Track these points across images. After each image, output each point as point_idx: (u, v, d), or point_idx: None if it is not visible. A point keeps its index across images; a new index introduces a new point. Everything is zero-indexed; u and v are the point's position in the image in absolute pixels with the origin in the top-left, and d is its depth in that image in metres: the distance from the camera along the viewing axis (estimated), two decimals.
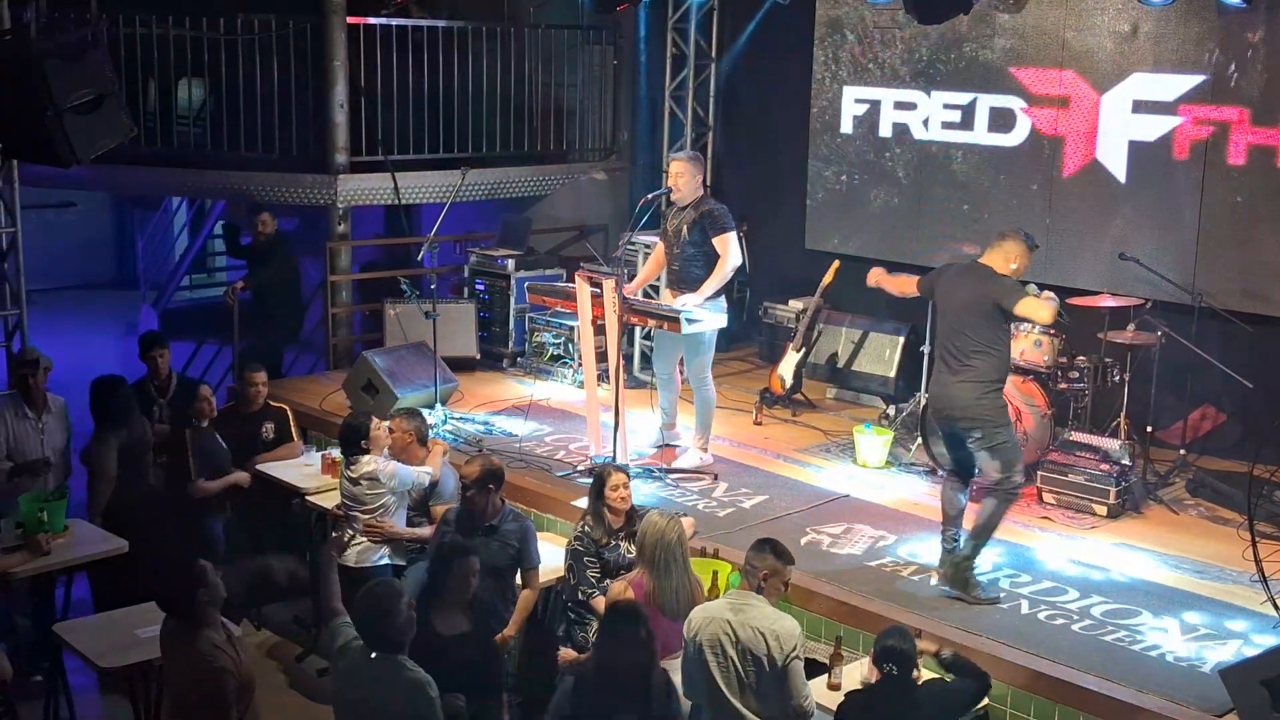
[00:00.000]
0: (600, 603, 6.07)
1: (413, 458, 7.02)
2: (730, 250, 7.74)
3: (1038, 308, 6.23)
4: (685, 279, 7.82)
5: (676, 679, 5.27)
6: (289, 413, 8.39)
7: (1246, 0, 7.70)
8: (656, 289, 9.84)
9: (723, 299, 7.95)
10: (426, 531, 6.76)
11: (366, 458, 6.81)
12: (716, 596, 6.21)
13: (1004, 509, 6.34)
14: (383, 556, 6.79)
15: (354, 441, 6.86)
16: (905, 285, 6.86)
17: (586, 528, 6.31)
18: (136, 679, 5.78)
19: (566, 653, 5.98)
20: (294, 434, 8.33)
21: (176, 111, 11.15)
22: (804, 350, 9.33)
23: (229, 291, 10.56)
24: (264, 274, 10.35)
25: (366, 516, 6.80)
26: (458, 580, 5.47)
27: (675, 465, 8.00)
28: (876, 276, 7.05)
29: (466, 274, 10.77)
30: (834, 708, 5.38)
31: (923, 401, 8.33)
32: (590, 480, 6.52)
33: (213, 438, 7.79)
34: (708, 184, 10.58)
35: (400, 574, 6.59)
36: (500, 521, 6.23)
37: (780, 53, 10.59)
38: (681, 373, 8.29)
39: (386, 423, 7.04)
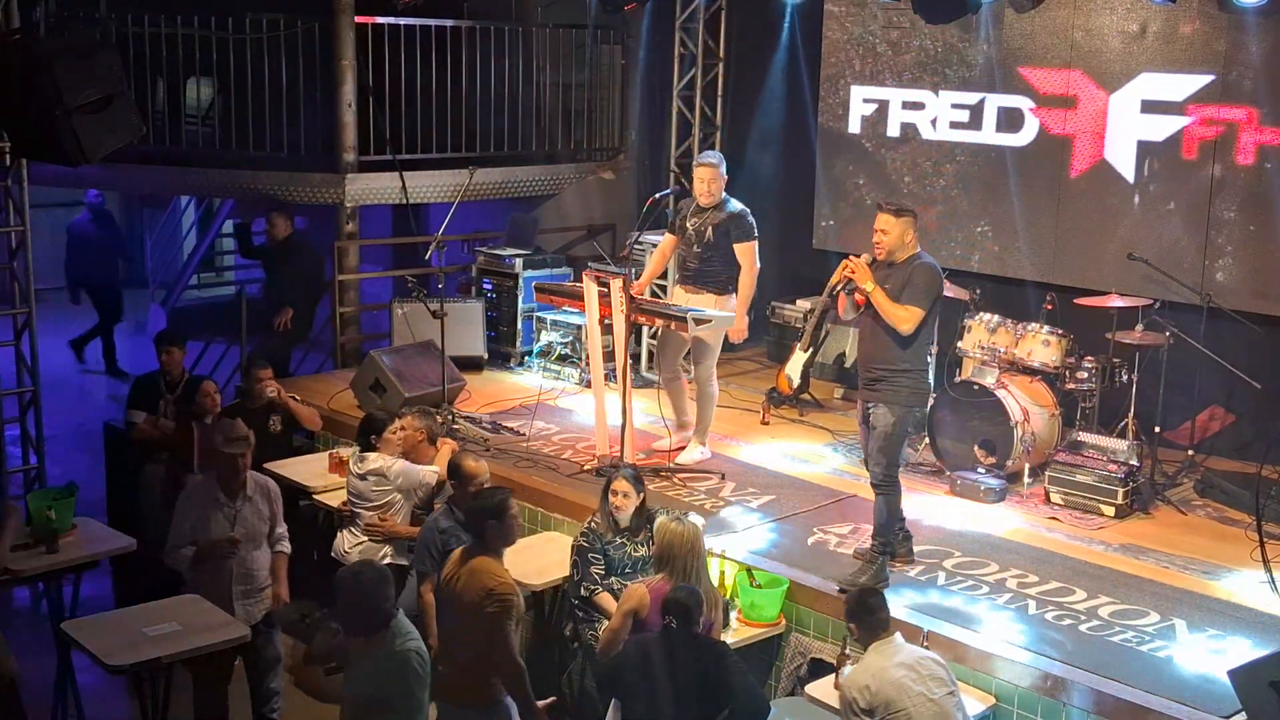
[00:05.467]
0: (604, 599, 6.08)
1: (422, 457, 7.03)
2: (752, 259, 7.85)
3: None
4: (706, 279, 7.89)
5: None
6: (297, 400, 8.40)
7: None
8: (663, 287, 9.85)
9: (732, 299, 7.97)
10: None
11: (374, 455, 6.83)
12: (725, 594, 6.23)
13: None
14: (385, 556, 6.79)
15: (367, 434, 6.89)
16: None
17: (594, 523, 6.33)
18: (145, 677, 5.79)
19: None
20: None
21: (185, 111, 11.17)
22: (811, 350, 9.31)
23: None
24: (282, 275, 10.35)
25: (371, 514, 6.81)
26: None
27: (678, 461, 8.01)
28: None
29: (474, 273, 10.78)
30: (841, 707, 5.40)
31: (930, 401, 8.32)
32: (598, 479, 6.53)
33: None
34: None
35: (405, 573, 6.59)
36: None
37: (788, 52, 10.58)
38: (687, 371, 8.30)
39: (400, 430, 7.03)
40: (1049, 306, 8.26)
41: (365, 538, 6.83)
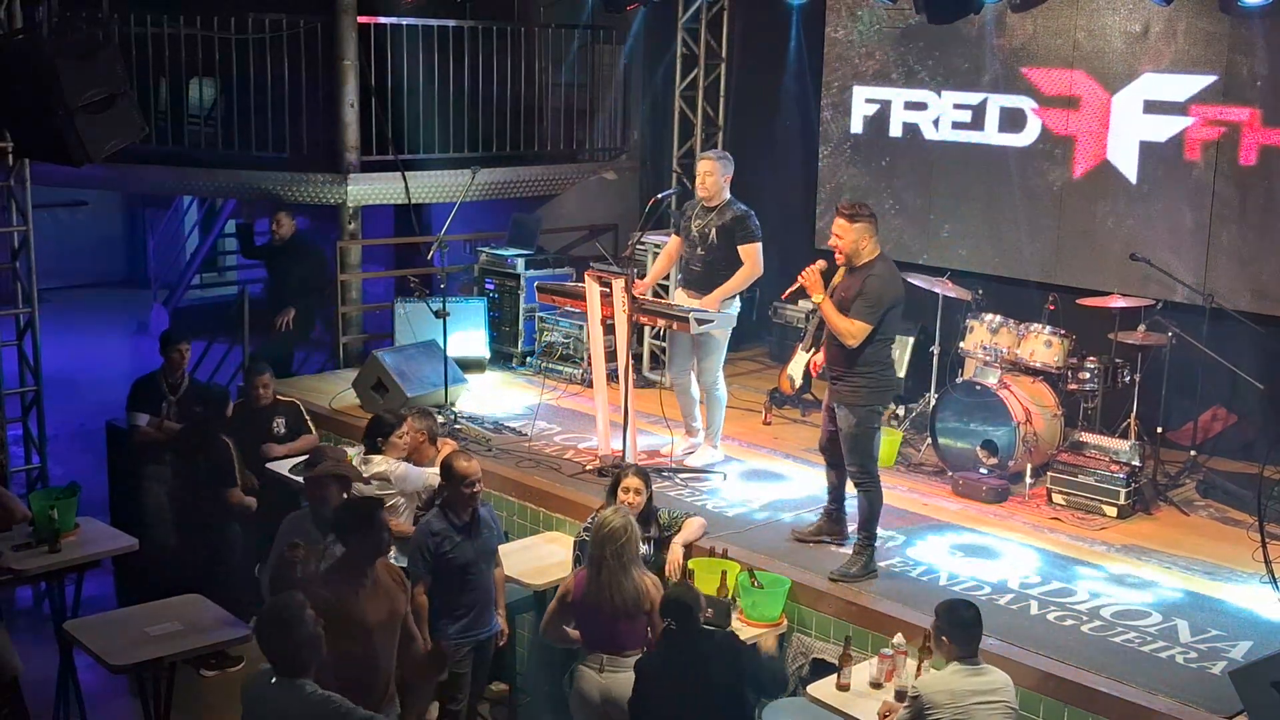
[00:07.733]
0: None
1: (423, 457, 7.03)
2: (755, 260, 7.76)
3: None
4: (709, 282, 7.79)
5: None
6: (300, 406, 8.40)
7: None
8: (666, 288, 9.85)
9: (737, 300, 7.96)
10: None
11: (379, 458, 6.81)
12: (726, 595, 6.22)
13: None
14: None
15: (373, 437, 6.86)
16: None
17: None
18: (147, 677, 5.80)
19: None
20: (310, 426, 8.34)
21: (187, 111, 11.19)
22: (813, 350, 9.29)
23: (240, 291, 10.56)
24: (283, 274, 10.35)
25: None
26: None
27: (685, 463, 8.00)
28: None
29: (476, 273, 10.78)
30: (842, 708, 5.39)
31: (932, 402, 8.33)
32: (600, 479, 6.52)
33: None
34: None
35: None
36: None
37: (790, 52, 10.58)
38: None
39: (408, 433, 7.00)
40: (1051, 307, 8.27)
41: None
